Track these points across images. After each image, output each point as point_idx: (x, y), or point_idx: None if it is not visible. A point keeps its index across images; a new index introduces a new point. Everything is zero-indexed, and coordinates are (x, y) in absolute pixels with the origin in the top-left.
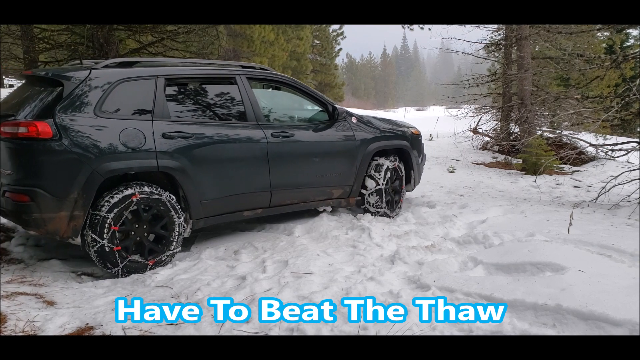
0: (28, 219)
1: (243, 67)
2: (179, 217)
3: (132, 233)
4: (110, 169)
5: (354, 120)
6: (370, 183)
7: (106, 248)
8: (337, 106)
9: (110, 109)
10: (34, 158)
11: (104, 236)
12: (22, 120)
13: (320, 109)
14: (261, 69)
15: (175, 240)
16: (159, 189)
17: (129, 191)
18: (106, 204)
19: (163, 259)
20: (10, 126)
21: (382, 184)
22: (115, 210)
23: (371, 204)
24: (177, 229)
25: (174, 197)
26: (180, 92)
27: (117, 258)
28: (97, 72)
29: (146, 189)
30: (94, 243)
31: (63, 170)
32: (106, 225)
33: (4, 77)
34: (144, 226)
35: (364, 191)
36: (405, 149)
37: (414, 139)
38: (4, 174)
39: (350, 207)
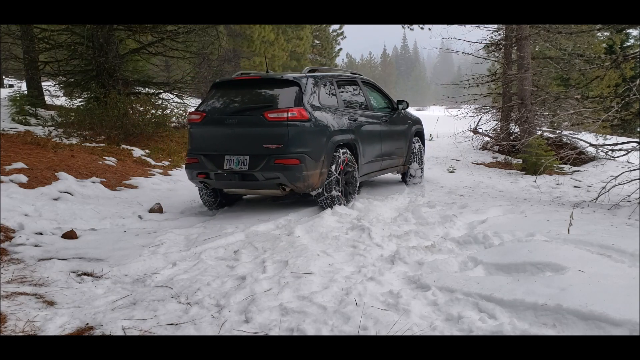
0: (299, 175)
1: (352, 73)
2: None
3: (343, 183)
4: (337, 140)
5: (403, 110)
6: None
7: (335, 193)
8: (398, 99)
9: (322, 101)
10: (301, 133)
11: (334, 185)
12: (289, 108)
13: (387, 101)
14: (359, 75)
15: (356, 190)
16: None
17: (346, 155)
18: (335, 164)
19: (351, 200)
20: (278, 112)
21: (418, 156)
22: (340, 168)
23: (412, 171)
24: (356, 183)
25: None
26: (340, 90)
27: (339, 199)
28: (309, 76)
29: (349, 153)
30: (329, 189)
31: (317, 141)
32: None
33: (4, 77)
34: (347, 178)
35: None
36: (422, 131)
37: (421, 124)
38: (271, 148)
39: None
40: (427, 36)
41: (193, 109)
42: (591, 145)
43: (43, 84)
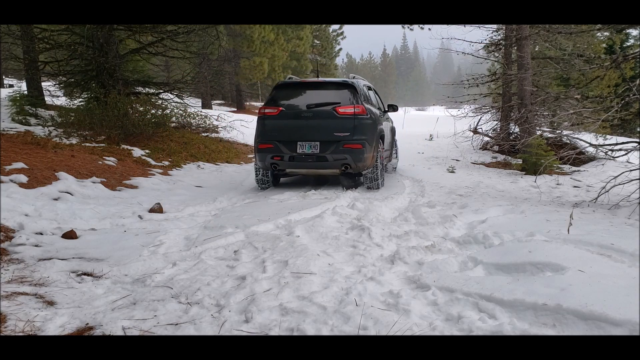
0: (361, 157)
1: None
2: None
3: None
4: (379, 131)
5: (389, 112)
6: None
7: (380, 174)
8: (389, 103)
9: (368, 100)
10: (362, 124)
11: (378, 167)
12: (355, 104)
13: (381, 104)
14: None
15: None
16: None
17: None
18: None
19: (382, 183)
20: (346, 108)
21: (396, 149)
22: (380, 154)
23: (392, 161)
24: (383, 168)
25: None
26: (368, 92)
27: (379, 179)
28: (357, 80)
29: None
30: (375, 171)
31: (372, 131)
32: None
33: (4, 77)
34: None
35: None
36: (395, 129)
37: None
38: (340, 136)
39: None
40: (427, 36)
41: (262, 104)
42: (591, 145)
43: (43, 84)
